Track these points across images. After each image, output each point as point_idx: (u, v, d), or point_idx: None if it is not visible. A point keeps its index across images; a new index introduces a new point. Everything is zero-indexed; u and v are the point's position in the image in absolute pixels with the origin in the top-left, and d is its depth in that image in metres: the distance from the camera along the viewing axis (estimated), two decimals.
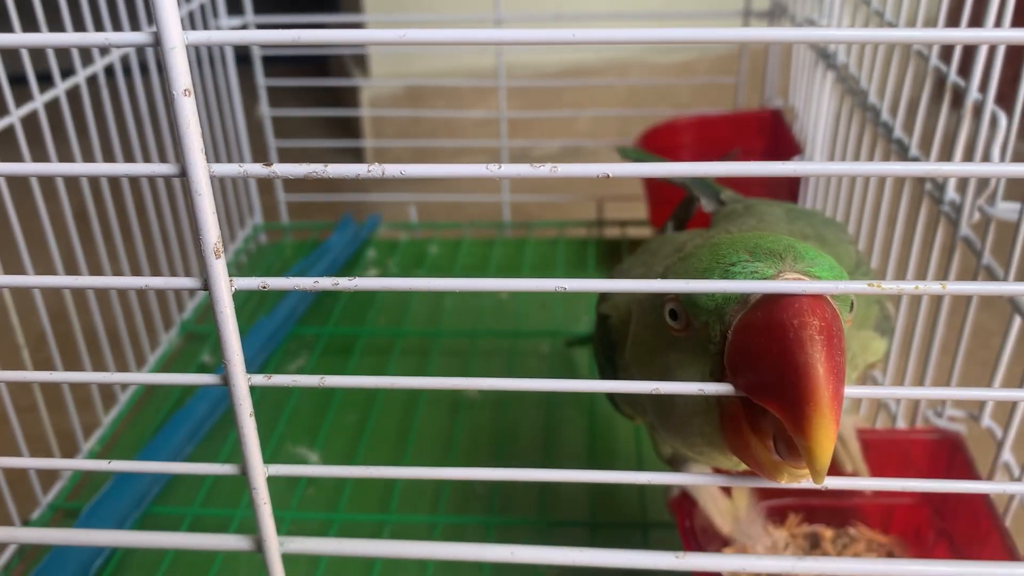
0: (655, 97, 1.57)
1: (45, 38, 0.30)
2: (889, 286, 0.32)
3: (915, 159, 0.67)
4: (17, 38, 0.30)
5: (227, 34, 0.29)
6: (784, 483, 0.38)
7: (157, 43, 0.29)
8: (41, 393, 0.77)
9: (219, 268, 0.32)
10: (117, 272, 0.94)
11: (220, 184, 1.14)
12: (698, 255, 0.42)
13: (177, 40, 0.29)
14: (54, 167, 0.31)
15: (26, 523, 0.75)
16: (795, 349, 0.34)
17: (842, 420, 0.60)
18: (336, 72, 1.67)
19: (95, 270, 0.88)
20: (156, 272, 1.00)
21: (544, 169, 0.30)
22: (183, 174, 0.31)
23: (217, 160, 1.11)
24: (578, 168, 0.31)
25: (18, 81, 0.74)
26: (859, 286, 0.34)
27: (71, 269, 0.83)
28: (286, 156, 1.22)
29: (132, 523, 0.74)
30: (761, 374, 0.36)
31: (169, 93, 0.29)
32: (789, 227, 0.54)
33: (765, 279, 0.37)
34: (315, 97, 1.71)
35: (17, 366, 0.75)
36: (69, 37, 0.30)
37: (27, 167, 0.31)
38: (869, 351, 0.53)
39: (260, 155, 1.20)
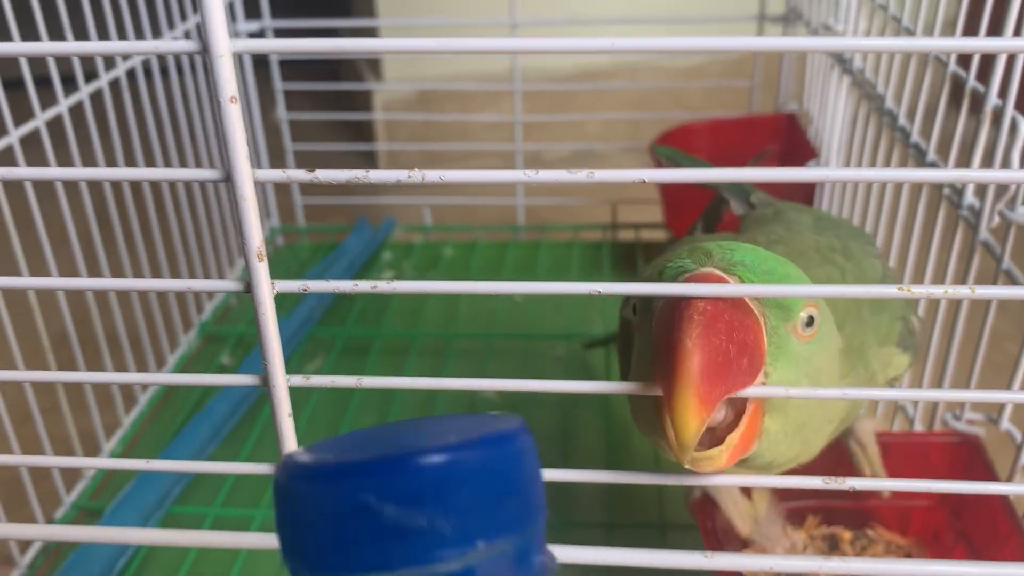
0: (667, 100, 1.57)
1: (96, 46, 0.31)
2: (919, 290, 0.32)
3: (933, 164, 0.67)
4: (68, 46, 0.31)
5: (274, 42, 0.30)
6: (689, 467, 0.39)
7: (205, 51, 0.30)
8: (64, 393, 0.78)
9: (262, 271, 0.33)
10: (138, 274, 0.95)
11: None
12: (665, 256, 0.44)
13: (225, 48, 0.29)
14: (101, 172, 0.32)
15: (50, 523, 0.76)
16: (673, 328, 0.37)
17: (861, 424, 0.60)
18: (349, 76, 1.68)
19: (116, 271, 0.88)
20: (175, 273, 1.01)
21: (581, 175, 0.31)
22: (228, 179, 0.31)
23: None
24: (615, 174, 0.31)
25: (42, 83, 0.75)
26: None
27: (93, 270, 0.84)
28: (302, 159, 1.23)
29: (154, 523, 0.75)
30: (655, 355, 0.38)
31: (216, 100, 0.30)
32: (816, 237, 0.54)
33: (687, 273, 0.40)
34: (328, 100, 1.71)
35: (41, 367, 0.76)
36: (117, 45, 0.30)
37: (76, 172, 0.32)
38: (891, 367, 0.53)
39: (277, 158, 1.21)
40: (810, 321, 0.41)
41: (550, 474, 0.40)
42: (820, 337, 0.43)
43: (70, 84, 0.80)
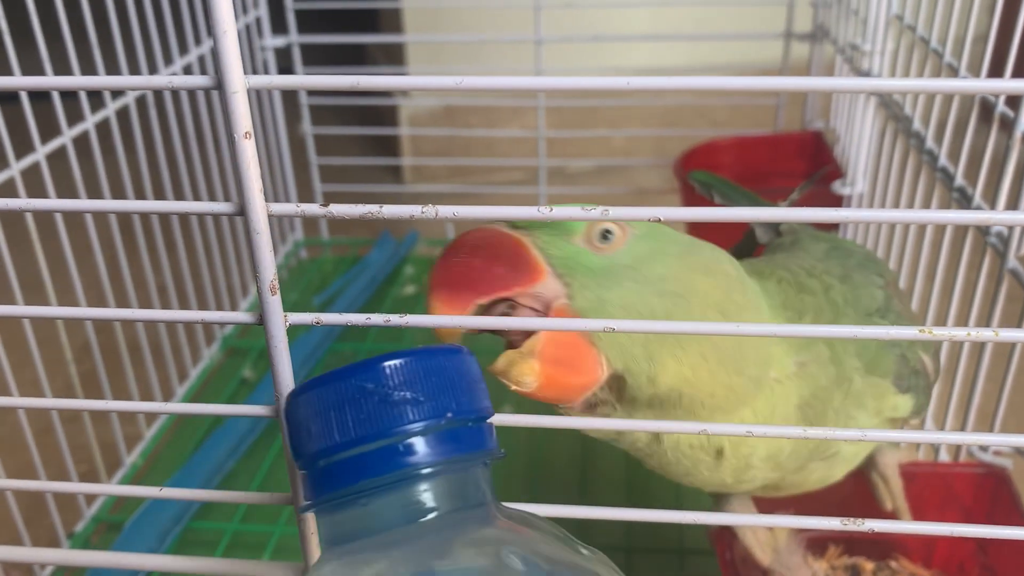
0: (693, 116, 1.56)
1: (109, 81, 0.31)
2: (941, 332, 0.32)
3: (961, 189, 0.66)
4: (82, 80, 0.31)
5: (287, 79, 0.30)
6: (513, 388, 0.40)
7: (219, 87, 0.30)
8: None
9: (275, 305, 0.33)
10: (161, 285, 0.96)
11: None
12: None
13: (239, 85, 0.29)
14: (116, 204, 0.32)
15: (70, 536, 0.76)
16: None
17: (884, 457, 0.59)
18: (377, 91, 1.69)
19: (139, 281, 0.89)
20: (199, 285, 1.02)
21: (595, 212, 0.31)
22: (242, 213, 0.31)
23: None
24: (629, 212, 0.31)
25: (68, 95, 0.76)
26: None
27: (116, 282, 0.84)
28: (327, 173, 1.23)
29: (173, 538, 0.75)
30: None
31: (230, 136, 0.30)
32: (815, 262, 0.53)
33: None
34: (355, 114, 1.72)
35: (63, 378, 0.77)
36: (133, 80, 0.30)
37: (96, 204, 0.32)
38: (886, 404, 0.51)
39: (302, 172, 1.22)
40: (605, 235, 0.41)
41: (563, 510, 0.39)
42: (638, 254, 0.41)
43: (97, 98, 0.81)
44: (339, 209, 0.31)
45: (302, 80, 0.30)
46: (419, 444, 0.27)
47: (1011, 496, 0.59)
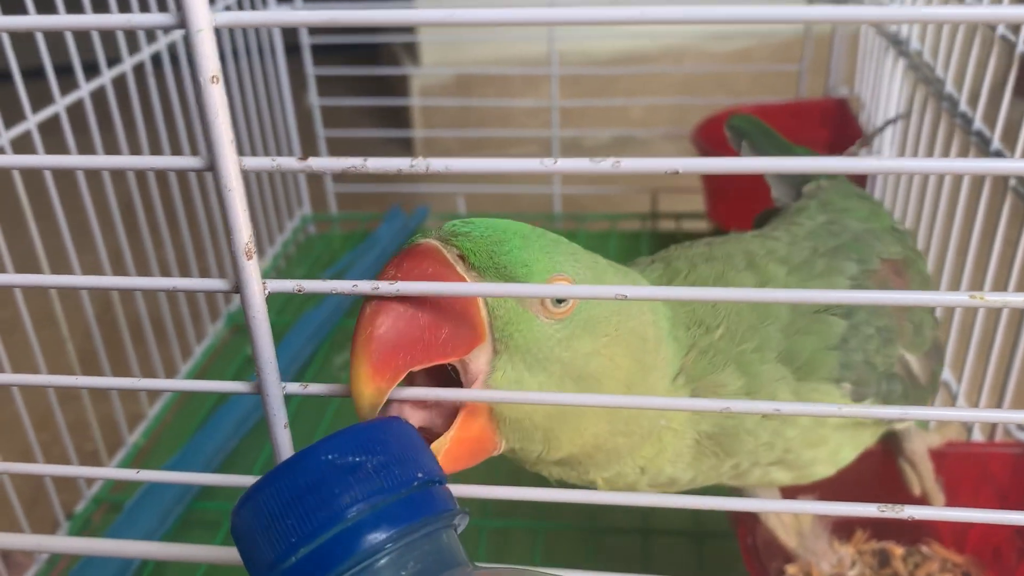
0: (712, 85, 1.52)
1: (64, 20, 0.28)
2: (918, 297, 0.28)
3: (999, 154, 0.62)
4: (35, 20, 0.28)
5: (257, 15, 0.27)
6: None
7: (182, 25, 0.27)
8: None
9: (251, 270, 0.30)
10: (162, 261, 0.93)
11: (268, 174, 1.13)
12: None
13: (204, 22, 0.26)
14: (76, 160, 0.29)
15: (70, 516, 0.74)
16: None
17: (911, 444, 0.55)
18: (387, 61, 1.65)
19: (140, 260, 0.86)
20: (202, 262, 0.99)
21: (606, 164, 0.28)
22: (211, 168, 0.28)
23: (265, 151, 1.09)
24: (642, 163, 0.28)
25: (64, 70, 0.73)
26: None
27: (116, 259, 0.82)
28: (335, 146, 1.20)
29: (175, 519, 0.73)
30: None
31: (196, 80, 0.27)
32: (792, 244, 0.48)
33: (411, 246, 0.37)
34: (365, 86, 1.69)
35: (63, 358, 0.74)
36: (89, 19, 0.27)
37: (47, 159, 0.29)
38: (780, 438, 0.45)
39: (309, 145, 1.19)
40: (559, 300, 0.36)
41: (582, 495, 0.37)
42: (585, 320, 0.37)
43: (92, 71, 0.78)
44: (318, 163, 0.28)
45: (273, 16, 0.27)
46: (366, 526, 0.26)
47: None
